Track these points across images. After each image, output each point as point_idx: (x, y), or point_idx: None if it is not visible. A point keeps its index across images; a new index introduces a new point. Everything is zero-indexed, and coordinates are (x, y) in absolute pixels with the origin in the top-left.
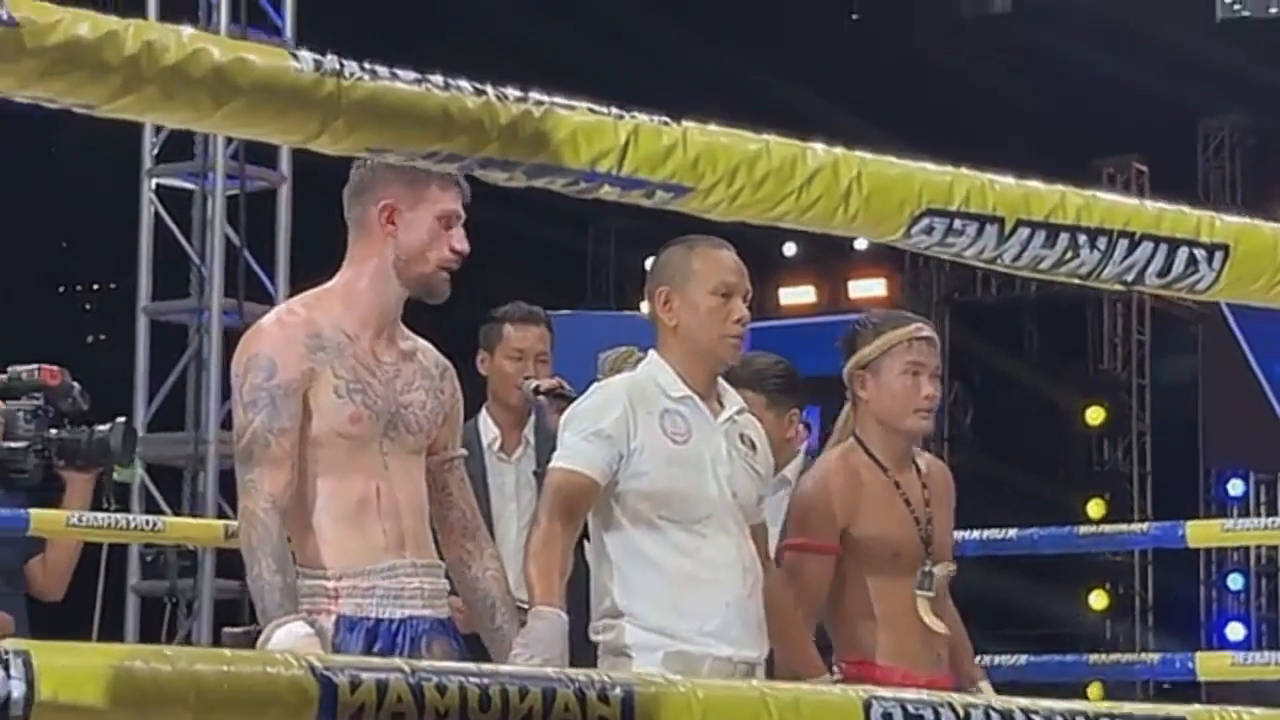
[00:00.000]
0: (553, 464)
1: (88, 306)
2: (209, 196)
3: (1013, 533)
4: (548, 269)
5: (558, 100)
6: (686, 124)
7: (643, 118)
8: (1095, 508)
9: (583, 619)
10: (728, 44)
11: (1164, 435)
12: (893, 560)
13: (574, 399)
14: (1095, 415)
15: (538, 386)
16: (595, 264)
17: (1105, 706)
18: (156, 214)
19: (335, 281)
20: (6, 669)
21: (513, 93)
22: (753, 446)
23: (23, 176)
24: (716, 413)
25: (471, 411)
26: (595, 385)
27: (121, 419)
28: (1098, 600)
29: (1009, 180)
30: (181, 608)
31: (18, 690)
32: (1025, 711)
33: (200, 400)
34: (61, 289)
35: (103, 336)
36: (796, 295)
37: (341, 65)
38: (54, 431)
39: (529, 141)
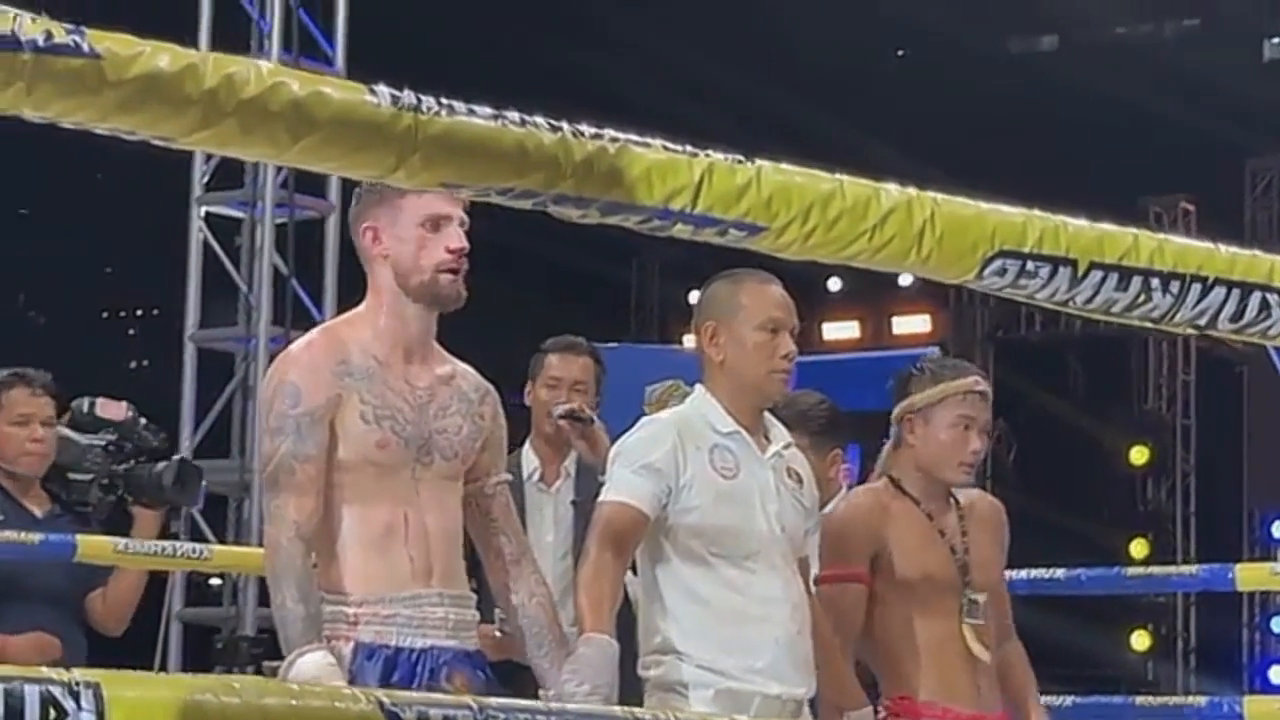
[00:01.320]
0: (602, 497)
1: (131, 332)
2: (258, 225)
3: (1060, 573)
4: (591, 302)
5: (632, 137)
6: (760, 162)
7: (717, 156)
8: (1138, 548)
9: (625, 652)
10: (773, 80)
11: (1208, 476)
12: (928, 589)
13: (588, 420)
14: (1140, 455)
15: (559, 412)
16: (639, 297)
17: None
18: (205, 241)
19: (361, 308)
20: (77, 700)
21: (588, 129)
22: (799, 480)
23: (68, 202)
24: (764, 447)
25: (521, 443)
26: (644, 419)
27: (178, 457)
28: (1140, 641)
29: (1082, 222)
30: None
31: None
32: None
33: (246, 428)
34: (105, 314)
35: (145, 362)
36: (840, 330)
37: (419, 100)
38: (121, 466)
39: (603, 178)
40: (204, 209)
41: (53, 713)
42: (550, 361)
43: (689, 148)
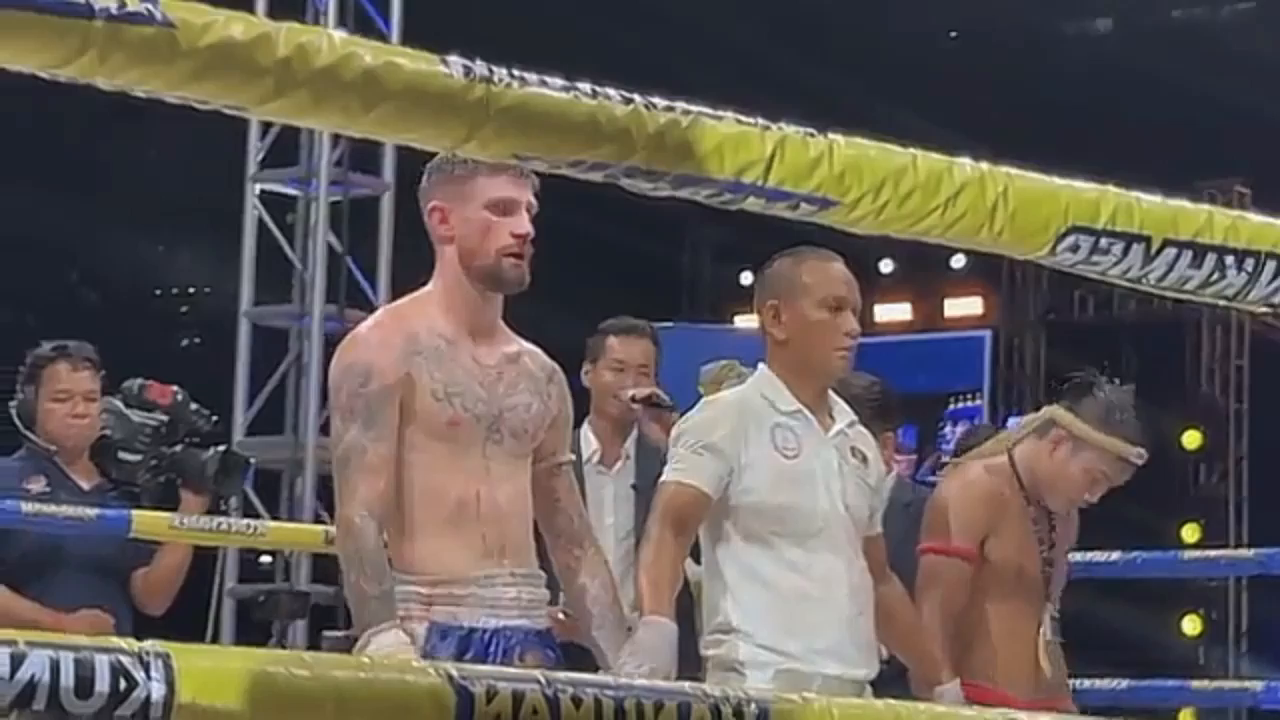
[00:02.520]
0: (664, 477)
1: (183, 310)
2: (313, 202)
3: (1115, 555)
4: (643, 282)
5: (705, 110)
6: (833, 136)
7: (789, 129)
8: (1190, 532)
9: (683, 635)
10: (826, 62)
11: (1261, 460)
12: (1016, 585)
13: (668, 407)
14: (1192, 439)
15: (634, 395)
16: (691, 277)
17: None
18: (260, 219)
19: (428, 287)
20: (147, 671)
21: (660, 102)
22: (864, 459)
23: (120, 179)
24: (828, 426)
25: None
26: (705, 399)
27: (223, 447)
28: (1191, 626)
29: (1156, 199)
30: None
31: (158, 692)
32: None
33: (299, 405)
34: (157, 292)
35: (197, 340)
36: (892, 312)
37: (491, 71)
38: (171, 449)
39: (675, 151)
40: (259, 186)
41: (123, 683)
42: (612, 344)
43: (761, 121)
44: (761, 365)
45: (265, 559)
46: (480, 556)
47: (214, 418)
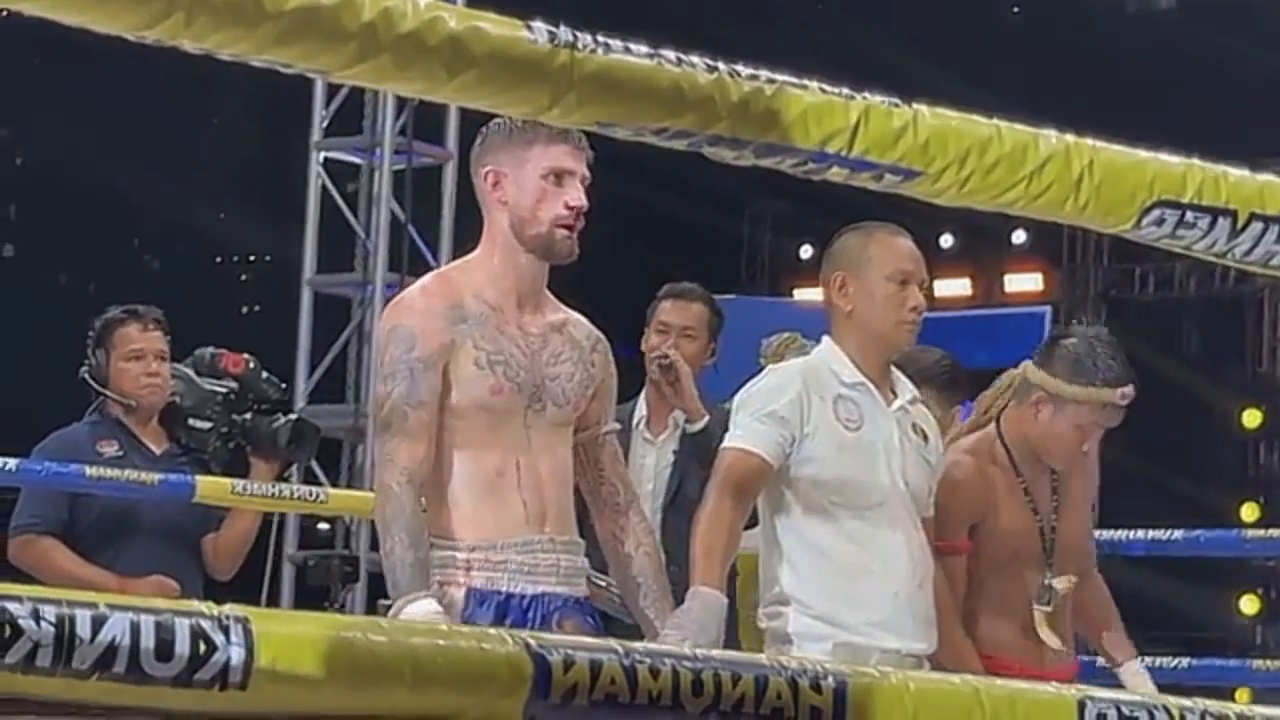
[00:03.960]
0: (725, 444)
1: (244, 278)
2: (376, 171)
3: (1178, 534)
4: (702, 254)
5: (789, 79)
6: (918, 106)
7: (874, 99)
8: (1249, 511)
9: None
10: (889, 37)
11: None
12: (1010, 558)
13: (670, 364)
14: (1252, 418)
15: (657, 358)
16: (750, 250)
17: None
18: (323, 187)
19: (476, 253)
20: (226, 634)
21: (745, 70)
22: (925, 437)
23: (183, 147)
24: (890, 401)
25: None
26: (769, 368)
27: (294, 416)
28: (1249, 605)
29: (1243, 172)
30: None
31: (237, 656)
32: (1240, 716)
33: (361, 373)
34: (219, 259)
35: (257, 308)
36: (952, 288)
37: (575, 37)
38: (241, 417)
39: (759, 120)
40: (322, 154)
41: (203, 646)
42: (664, 307)
43: (845, 90)
44: (826, 337)
45: (324, 526)
46: (520, 523)
47: (283, 385)
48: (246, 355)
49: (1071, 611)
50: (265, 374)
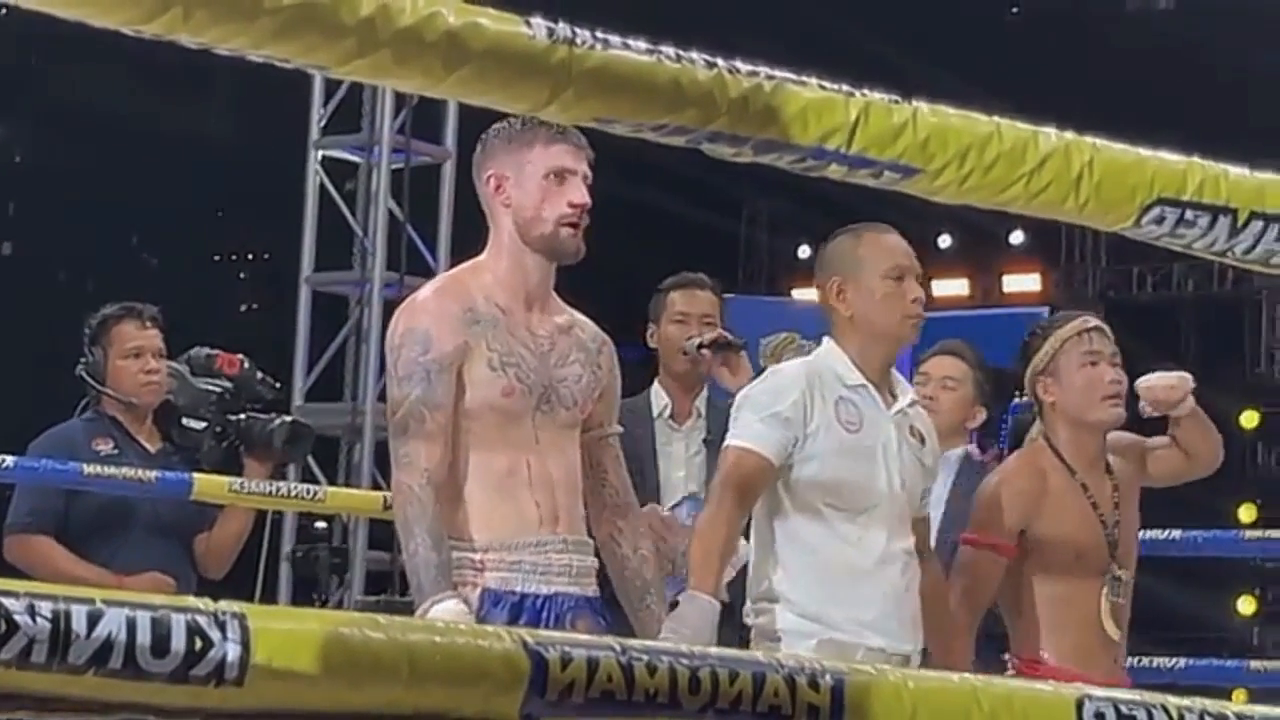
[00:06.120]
0: (728, 442)
1: (242, 276)
2: (374, 169)
3: (1176, 534)
4: (700, 254)
5: (789, 75)
6: (917, 103)
7: (873, 95)
8: (1247, 512)
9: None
10: (886, 36)
11: None
12: (1075, 562)
13: (738, 346)
14: (1250, 419)
15: (700, 342)
16: (748, 249)
17: None
18: (321, 185)
19: (483, 257)
20: (223, 630)
21: (744, 66)
22: (921, 440)
23: (181, 145)
24: (889, 403)
25: (645, 385)
26: (771, 369)
27: (290, 418)
28: (1246, 606)
29: (1243, 171)
30: (334, 581)
31: (233, 652)
32: (1239, 716)
33: (359, 372)
34: (217, 257)
35: (255, 306)
36: (950, 288)
37: (574, 33)
38: (236, 417)
39: (759, 116)
40: (321, 152)
41: (199, 642)
42: (674, 298)
43: (845, 87)
44: (827, 339)
45: (321, 524)
46: (533, 523)
47: (278, 385)
48: (242, 356)
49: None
50: (260, 374)
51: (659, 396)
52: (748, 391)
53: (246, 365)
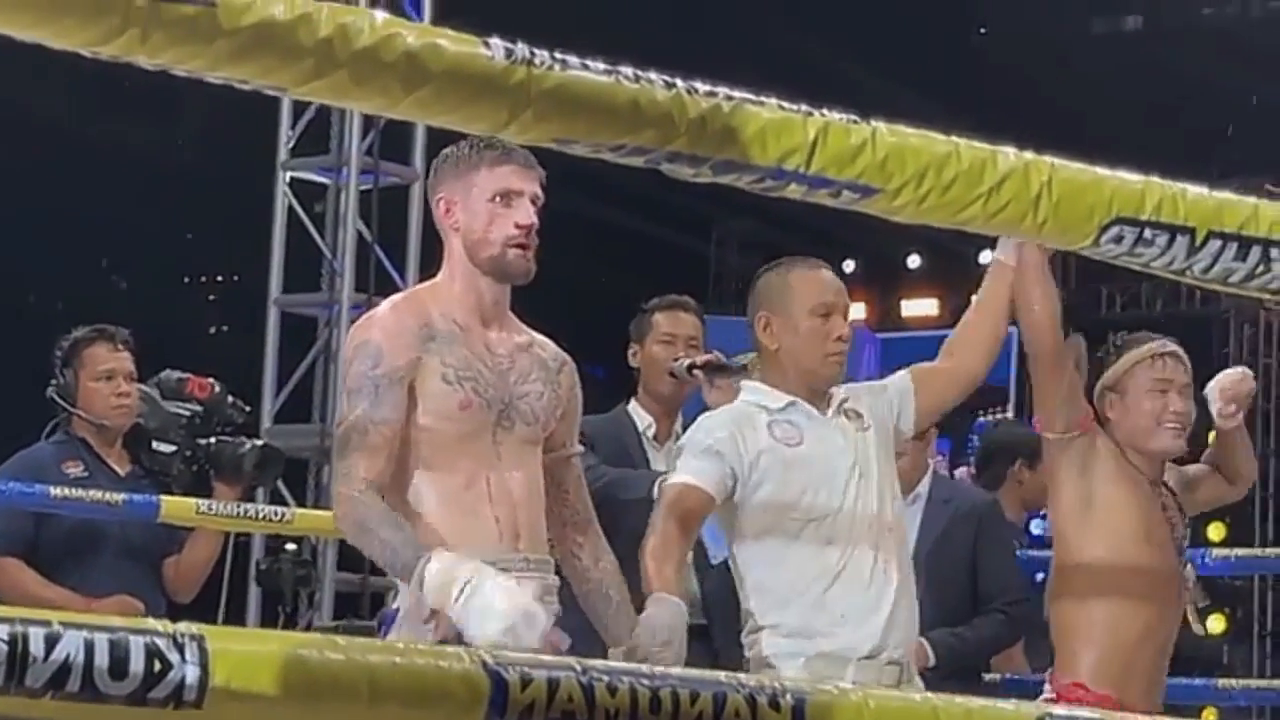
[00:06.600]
0: (668, 480)
1: (211, 298)
2: (342, 191)
3: None
4: (669, 274)
5: (747, 96)
6: (876, 123)
7: (832, 115)
8: (1215, 531)
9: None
10: (856, 56)
11: None
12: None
13: (734, 368)
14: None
15: (692, 363)
16: (717, 270)
17: None
18: (290, 207)
19: (439, 277)
20: (181, 653)
21: (703, 87)
22: (859, 415)
23: (150, 166)
24: (825, 410)
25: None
26: (701, 416)
27: (260, 442)
28: (1215, 624)
29: (1201, 190)
30: (303, 599)
31: (192, 674)
32: None
33: (328, 394)
34: (186, 279)
35: (225, 328)
36: (920, 307)
37: (532, 54)
38: (205, 440)
39: (717, 137)
40: (289, 174)
41: (157, 665)
42: (659, 320)
43: (804, 107)
44: (745, 381)
45: (290, 545)
46: (494, 539)
47: (247, 409)
48: (213, 380)
49: None
50: (231, 398)
51: (640, 415)
52: (684, 438)
53: (217, 389)
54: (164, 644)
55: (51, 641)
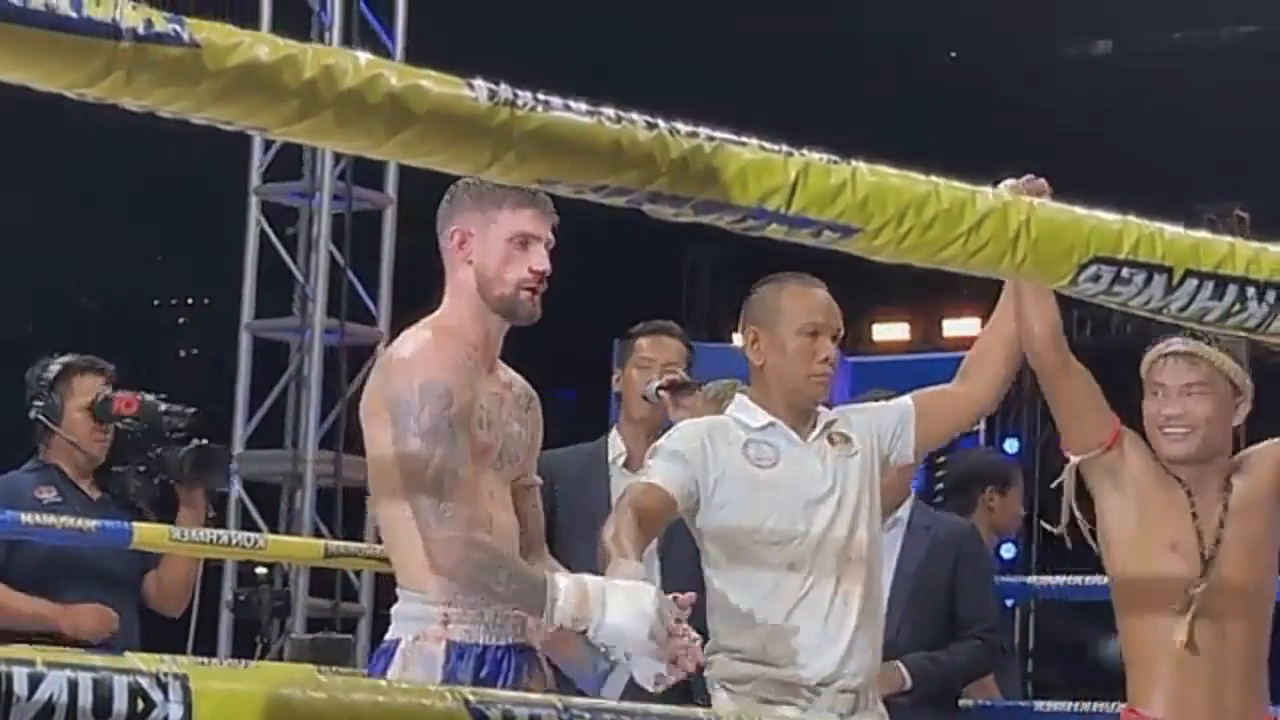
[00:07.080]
0: (632, 483)
1: (181, 321)
2: (315, 215)
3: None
4: (641, 301)
5: (728, 136)
6: (856, 163)
7: (812, 156)
8: None
9: None
10: (823, 79)
11: None
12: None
13: (691, 386)
14: None
15: (659, 385)
16: (690, 295)
17: None
18: (262, 231)
19: (446, 311)
20: (165, 691)
21: (684, 127)
22: (846, 439)
23: (120, 189)
24: (808, 434)
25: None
26: (676, 425)
27: (197, 441)
28: None
29: (1178, 229)
30: (274, 625)
31: (175, 714)
32: None
33: (300, 419)
34: (156, 302)
35: (195, 351)
36: (891, 331)
37: (515, 95)
38: (154, 452)
39: (699, 177)
40: (261, 198)
41: (140, 704)
42: (641, 344)
43: (785, 147)
44: (737, 394)
45: (261, 570)
46: None
47: (189, 410)
48: (139, 393)
49: None
50: (164, 406)
51: (615, 444)
52: (656, 445)
53: (146, 399)
54: (147, 683)
55: (35, 681)
